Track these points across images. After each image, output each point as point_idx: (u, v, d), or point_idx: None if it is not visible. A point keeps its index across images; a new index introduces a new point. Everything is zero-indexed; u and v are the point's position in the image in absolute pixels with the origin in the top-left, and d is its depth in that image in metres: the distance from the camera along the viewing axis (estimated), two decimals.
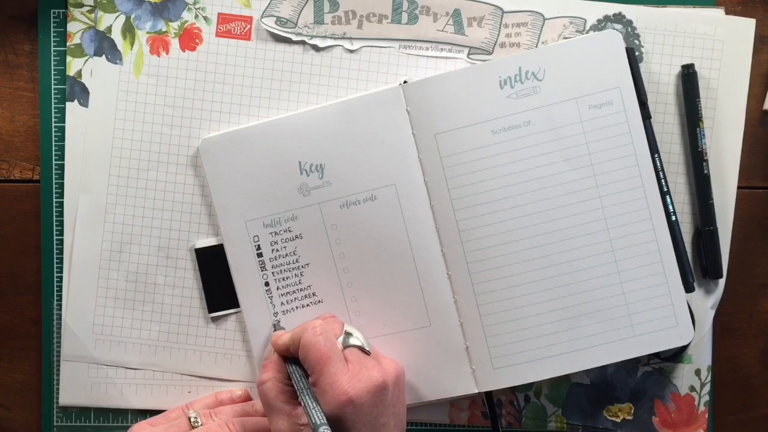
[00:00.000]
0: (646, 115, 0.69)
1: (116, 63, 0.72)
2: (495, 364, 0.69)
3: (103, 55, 0.72)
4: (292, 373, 0.64)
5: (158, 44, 0.72)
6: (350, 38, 0.72)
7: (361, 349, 0.65)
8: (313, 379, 0.62)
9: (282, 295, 0.71)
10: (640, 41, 0.71)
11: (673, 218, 0.70)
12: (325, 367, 0.62)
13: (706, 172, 0.71)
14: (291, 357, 0.65)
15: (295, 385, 0.63)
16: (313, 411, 0.60)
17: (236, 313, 0.72)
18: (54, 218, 0.73)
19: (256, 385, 0.65)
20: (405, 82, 0.70)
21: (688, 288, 0.70)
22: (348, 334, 0.65)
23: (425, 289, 0.70)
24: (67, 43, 0.72)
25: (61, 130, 0.72)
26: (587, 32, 0.71)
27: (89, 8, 0.72)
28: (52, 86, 0.72)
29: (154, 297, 0.72)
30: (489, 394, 0.70)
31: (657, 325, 0.69)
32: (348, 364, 0.63)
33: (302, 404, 0.61)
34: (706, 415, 0.73)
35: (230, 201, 0.70)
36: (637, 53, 0.71)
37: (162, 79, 0.72)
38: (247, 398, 0.72)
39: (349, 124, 0.69)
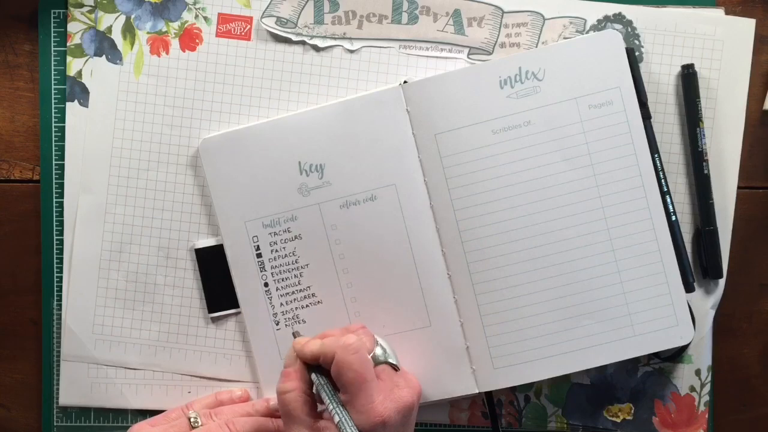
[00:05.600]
0: (646, 115, 0.69)
1: (116, 63, 0.72)
2: (495, 364, 0.69)
3: (103, 55, 0.72)
4: (321, 385, 0.63)
5: (158, 44, 0.72)
6: (350, 38, 0.72)
7: (392, 365, 0.64)
8: (347, 398, 0.61)
9: (281, 295, 0.71)
10: (640, 41, 0.71)
11: (673, 218, 0.70)
12: (362, 389, 0.61)
13: (706, 172, 0.71)
14: (316, 366, 0.64)
15: (325, 399, 0.62)
16: (350, 428, 0.59)
17: (236, 313, 0.72)
18: (54, 218, 0.73)
19: (277, 394, 0.63)
20: (405, 82, 0.70)
21: (688, 288, 0.70)
22: (380, 350, 0.64)
23: (425, 289, 0.70)
24: (68, 43, 0.72)
25: (61, 130, 0.72)
26: (587, 32, 0.71)
27: (89, 8, 0.72)
28: (52, 86, 0.72)
29: (154, 297, 0.72)
30: (489, 394, 0.70)
31: (657, 325, 0.68)
32: (380, 383, 0.62)
33: (335, 418, 0.60)
34: (706, 415, 0.72)
35: (230, 201, 0.70)
36: (637, 53, 0.71)
37: (162, 79, 0.72)
38: (247, 398, 0.72)
39: (349, 124, 0.69)
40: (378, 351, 0.64)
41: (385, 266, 0.70)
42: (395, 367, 0.65)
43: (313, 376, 0.63)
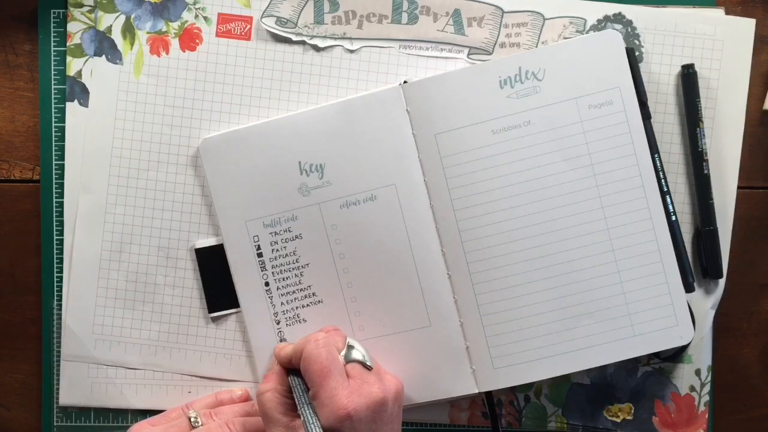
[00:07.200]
0: (646, 115, 0.69)
1: (116, 63, 0.72)
2: (495, 364, 0.69)
3: (103, 55, 0.72)
4: (293, 386, 0.64)
5: (158, 44, 0.72)
6: (350, 38, 0.72)
7: (363, 364, 0.64)
8: (313, 391, 0.62)
9: (282, 295, 0.71)
10: (640, 41, 0.71)
11: (673, 218, 0.70)
12: (326, 381, 0.62)
13: (706, 172, 0.71)
14: (293, 369, 0.65)
15: (295, 397, 0.63)
16: (312, 425, 0.60)
17: (236, 313, 0.72)
18: (54, 218, 0.73)
19: (256, 395, 0.66)
20: (405, 82, 0.70)
21: (688, 288, 0.70)
22: (350, 348, 0.65)
23: (425, 289, 0.70)
24: (67, 43, 0.72)
25: (61, 130, 0.72)
26: (587, 32, 0.71)
27: (89, 8, 0.72)
28: (52, 86, 0.72)
29: (154, 297, 0.72)
30: (489, 394, 0.70)
31: (657, 324, 0.69)
32: (349, 379, 0.63)
33: (301, 417, 0.61)
34: (706, 415, 0.73)
35: (230, 201, 0.70)
36: (637, 53, 0.71)
37: (162, 79, 0.72)
38: (247, 398, 0.72)
39: (349, 124, 0.69)
40: (348, 350, 0.65)
41: (385, 266, 0.70)
42: (367, 367, 0.65)
43: (290, 377, 0.65)
